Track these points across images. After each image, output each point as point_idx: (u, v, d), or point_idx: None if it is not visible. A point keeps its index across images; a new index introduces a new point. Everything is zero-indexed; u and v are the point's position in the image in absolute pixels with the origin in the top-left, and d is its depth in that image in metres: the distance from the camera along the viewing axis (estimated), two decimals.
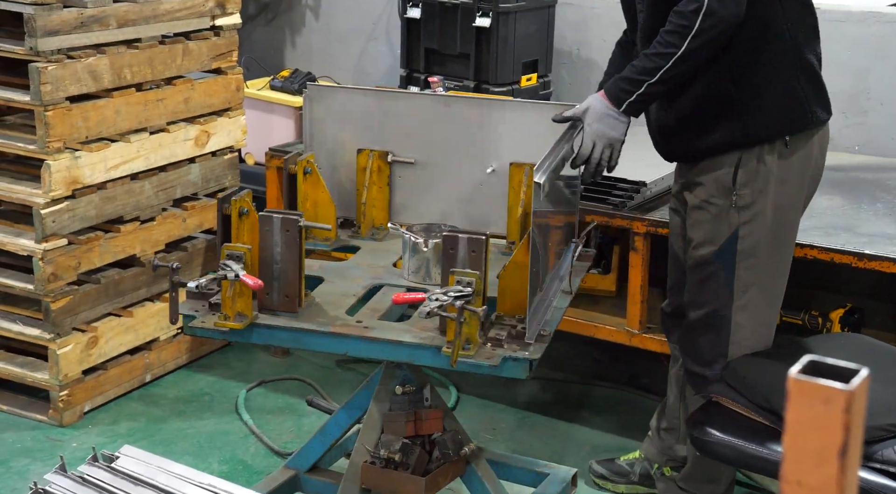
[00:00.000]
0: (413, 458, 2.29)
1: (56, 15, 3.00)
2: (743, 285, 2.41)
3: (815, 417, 0.70)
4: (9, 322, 3.23)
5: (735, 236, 2.38)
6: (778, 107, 2.34)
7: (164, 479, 1.76)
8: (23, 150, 3.09)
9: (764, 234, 2.39)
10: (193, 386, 3.49)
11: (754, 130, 2.35)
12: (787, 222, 2.43)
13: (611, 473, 2.94)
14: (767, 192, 2.36)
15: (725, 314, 2.42)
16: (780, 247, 2.43)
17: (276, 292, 2.14)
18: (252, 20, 4.66)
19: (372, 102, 2.61)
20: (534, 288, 2.05)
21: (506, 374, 2.04)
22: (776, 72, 2.33)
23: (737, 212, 2.38)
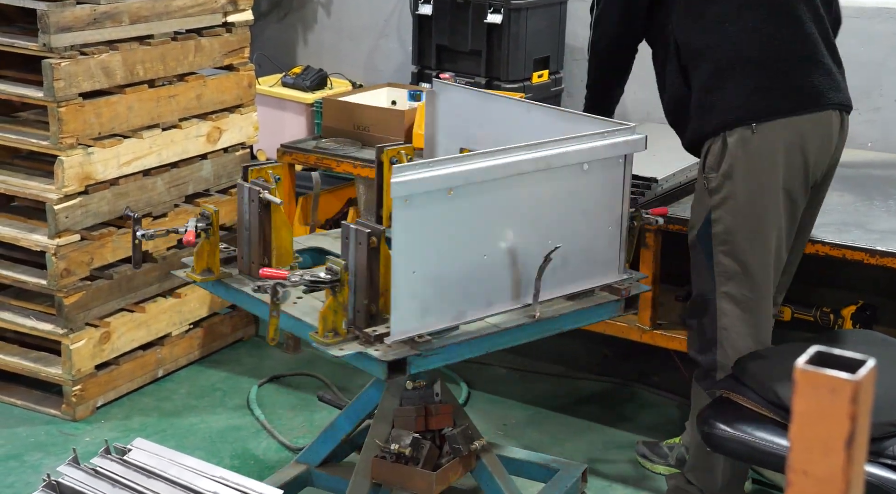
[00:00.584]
0: (423, 453, 2.30)
1: (69, 11, 3.01)
2: (724, 272, 2.46)
3: (822, 407, 0.70)
4: (22, 317, 3.25)
5: (708, 219, 2.47)
6: (722, 101, 2.42)
7: (175, 472, 1.77)
8: (36, 146, 3.11)
9: (736, 220, 2.43)
10: (205, 382, 3.51)
11: (710, 123, 2.45)
12: (762, 210, 2.43)
13: (651, 453, 3.02)
14: (733, 176, 2.41)
15: (711, 298, 2.49)
16: (758, 235, 2.44)
17: (246, 257, 2.40)
18: (264, 17, 4.68)
19: (477, 102, 2.63)
20: (398, 286, 2.00)
21: (363, 367, 2.10)
22: (713, 71, 2.43)
23: (708, 195, 2.46)
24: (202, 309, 3.59)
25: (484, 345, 2.18)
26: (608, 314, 2.38)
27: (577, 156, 2.23)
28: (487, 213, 2.12)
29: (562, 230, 2.23)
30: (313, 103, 3.95)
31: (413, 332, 2.03)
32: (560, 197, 2.24)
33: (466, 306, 2.12)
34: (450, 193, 2.03)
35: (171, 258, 3.44)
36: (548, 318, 2.24)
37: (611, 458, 3.09)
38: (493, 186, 2.11)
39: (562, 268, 2.23)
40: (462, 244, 2.09)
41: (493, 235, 2.15)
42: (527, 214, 2.20)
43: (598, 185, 2.28)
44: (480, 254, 2.12)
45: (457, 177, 2.04)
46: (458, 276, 2.09)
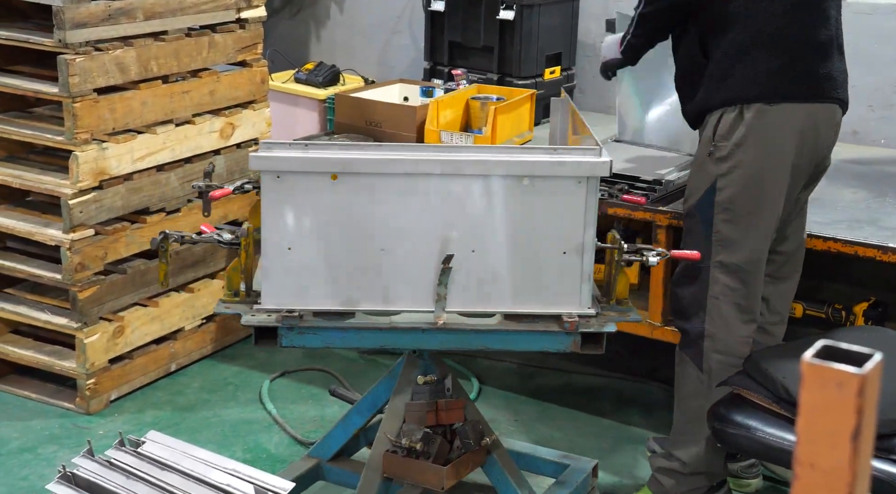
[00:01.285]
0: (434, 448, 2.31)
1: (84, 7, 3.03)
2: (721, 239, 2.47)
3: (829, 400, 0.70)
4: (37, 311, 3.28)
5: (713, 187, 2.46)
6: (743, 76, 2.43)
7: (189, 464, 1.79)
8: (51, 141, 3.13)
9: (742, 189, 2.44)
10: (218, 376, 3.53)
11: (725, 94, 2.45)
12: (768, 183, 2.46)
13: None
14: (745, 146, 2.43)
15: (704, 266, 2.48)
16: (760, 207, 2.47)
17: None
18: (277, 13, 4.69)
19: None
20: (268, 258, 2.08)
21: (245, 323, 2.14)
22: (739, 44, 2.43)
23: (714, 163, 2.45)
24: (215, 304, 3.60)
25: (375, 340, 2.16)
26: (552, 344, 2.16)
27: (503, 167, 2.09)
28: (385, 207, 2.08)
29: (489, 244, 2.11)
30: (326, 99, 3.96)
31: (288, 305, 2.09)
32: (488, 209, 2.10)
33: (359, 295, 2.12)
34: (334, 178, 2.05)
35: (185, 253, 3.46)
36: (464, 330, 2.13)
37: (622, 453, 3.09)
38: (387, 181, 2.07)
39: (494, 284, 2.12)
40: (353, 233, 2.09)
41: (390, 230, 2.10)
42: (441, 218, 2.10)
43: (545, 205, 2.10)
44: (377, 247, 2.10)
45: (328, 163, 2.06)
46: (349, 264, 2.10)
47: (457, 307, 2.14)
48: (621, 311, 2.23)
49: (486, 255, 2.11)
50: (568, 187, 2.09)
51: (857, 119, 3.48)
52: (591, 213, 2.11)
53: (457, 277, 2.09)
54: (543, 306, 2.15)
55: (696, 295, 2.53)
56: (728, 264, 2.49)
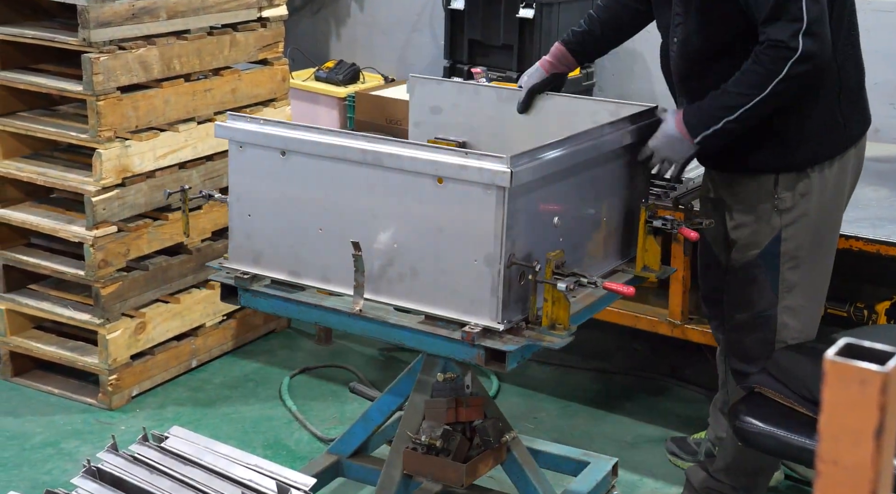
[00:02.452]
0: (454, 444, 2.32)
1: (108, 7, 3.06)
2: (788, 286, 2.43)
3: (851, 398, 0.71)
4: (60, 307, 3.31)
5: (778, 238, 2.39)
6: (817, 137, 2.33)
7: (211, 459, 1.80)
8: (75, 139, 3.16)
9: (807, 235, 2.40)
10: (238, 372, 3.55)
11: (793, 159, 2.35)
12: (831, 222, 2.45)
13: (680, 450, 3.02)
14: (810, 196, 2.38)
15: (771, 314, 2.44)
16: (823, 245, 2.45)
17: None
18: (298, 12, 4.71)
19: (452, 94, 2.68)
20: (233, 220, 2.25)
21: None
22: (816, 101, 2.31)
23: (779, 215, 2.38)
24: None
25: (310, 315, 2.23)
26: (458, 353, 2.07)
27: (417, 164, 2.04)
28: (321, 187, 2.16)
29: (408, 239, 2.09)
30: (346, 97, 3.98)
31: (248, 268, 2.25)
32: (405, 203, 2.08)
33: (301, 269, 2.22)
34: (283, 154, 2.17)
35: (206, 250, 3.48)
36: (382, 321, 2.11)
37: (642, 452, 3.09)
38: (326, 163, 2.14)
39: (412, 280, 2.09)
40: (296, 209, 2.20)
41: (327, 211, 2.17)
42: (366, 207, 2.12)
43: (456, 209, 2.02)
44: (315, 225, 2.18)
45: (277, 139, 2.17)
46: (293, 238, 2.21)
47: (386, 299, 2.14)
48: (545, 334, 2.05)
49: (405, 251, 2.10)
50: (476, 194, 1.99)
51: (879, 117, 3.46)
52: (501, 224, 1.98)
53: (383, 269, 2.13)
54: (456, 312, 2.06)
55: (761, 341, 2.48)
56: (793, 306, 2.44)
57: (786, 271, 2.42)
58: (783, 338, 2.46)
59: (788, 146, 2.34)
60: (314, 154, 2.16)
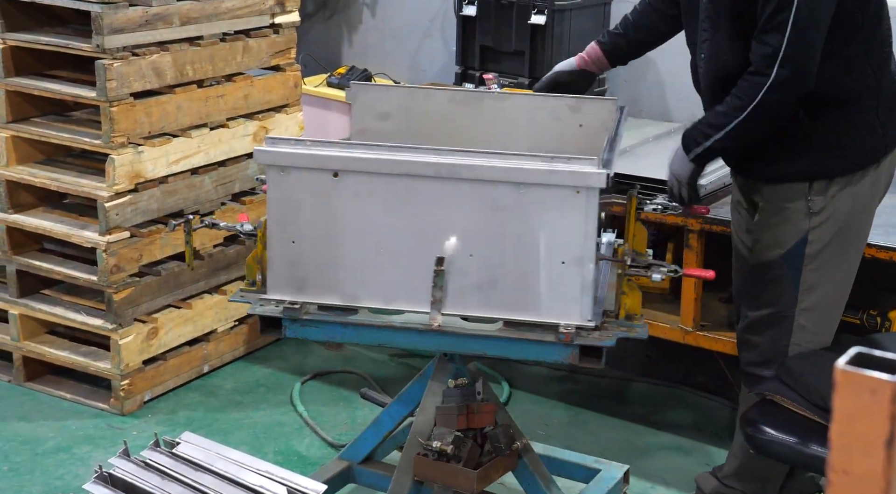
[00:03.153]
0: (465, 451, 2.31)
1: (122, 13, 3.07)
2: (808, 288, 2.42)
3: (862, 407, 0.71)
4: (73, 312, 3.32)
5: (804, 240, 2.39)
6: (855, 146, 2.34)
7: (222, 465, 1.81)
8: (88, 144, 3.18)
9: (834, 239, 2.40)
10: (250, 378, 3.55)
11: (829, 168, 2.35)
12: (859, 228, 2.44)
13: None
14: (842, 201, 2.37)
15: (789, 314, 2.43)
16: (849, 251, 2.44)
17: None
18: (310, 18, 4.72)
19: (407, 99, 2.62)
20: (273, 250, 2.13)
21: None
22: (856, 111, 2.32)
23: (808, 218, 2.38)
24: (247, 306, 3.63)
25: (373, 337, 2.19)
26: (550, 355, 2.13)
27: (498, 174, 2.06)
28: (381, 205, 2.09)
29: (486, 249, 2.09)
30: None
31: (293, 298, 2.13)
32: (483, 213, 2.08)
33: (356, 292, 2.14)
34: (335, 175, 2.07)
35: (218, 256, 3.49)
36: (461, 334, 2.12)
37: (653, 459, 3.09)
38: (389, 180, 2.08)
39: (492, 290, 2.10)
40: (352, 231, 2.10)
41: (388, 229, 2.10)
42: (438, 221, 2.09)
43: (541, 213, 2.06)
44: (373, 245, 2.11)
45: (330, 160, 2.08)
46: (347, 260, 2.12)
47: (458, 311, 2.12)
48: (628, 326, 2.17)
49: (483, 260, 2.08)
50: (564, 197, 2.04)
51: None
52: (591, 224, 2.05)
53: (456, 280, 2.08)
54: (543, 315, 2.09)
55: (775, 342, 2.46)
56: (812, 308, 2.44)
57: (808, 273, 2.41)
58: (798, 341, 2.45)
59: (828, 154, 2.34)
60: (375, 172, 2.08)
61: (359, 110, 2.58)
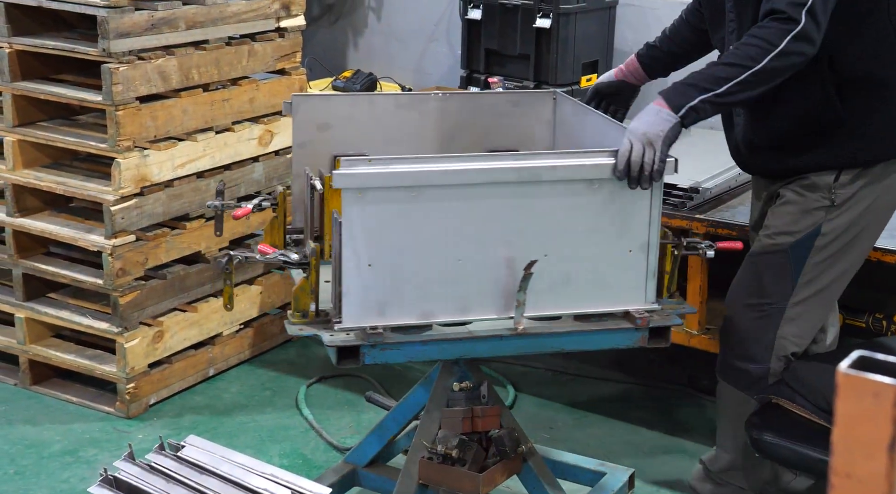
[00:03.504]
0: (470, 454, 2.32)
1: (128, 17, 3.08)
2: (808, 281, 2.40)
3: (865, 411, 0.71)
4: (79, 316, 3.33)
5: (817, 231, 2.36)
6: (887, 131, 2.31)
7: (227, 468, 1.81)
8: (94, 148, 3.19)
9: (845, 233, 2.38)
10: (255, 381, 3.56)
11: (861, 154, 2.32)
12: (875, 226, 2.42)
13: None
14: (865, 194, 2.35)
15: (781, 306, 2.40)
16: (857, 249, 2.42)
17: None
18: (315, 22, 4.73)
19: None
20: (349, 277, 2.04)
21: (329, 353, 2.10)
22: (886, 95, 2.29)
23: (826, 209, 2.35)
24: (253, 309, 3.65)
25: (455, 350, 2.17)
26: (622, 341, 2.23)
27: (571, 172, 2.13)
28: (460, 217, 2.09)
29: (561, 247, 2.15)
30: None
31: (368, 323, 2.07)
32: (559, 211, 2.14)
33: (436, 307, 2.12)
34: (413, 191, 2.04)
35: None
36: (539, 333, 2.16)
37: (658, 462, 3.08)
38: (464, 191, 2.08)
39: (565, 286, 2.16)
40: (430, 245, 2.08)
41: (465, 240, 2.10)
42: (514, 224, 2.13)
43: (611, 205, 2.16)
44: (454, 257, 2.10)
45: (407, 177, 2.05)
46: (426, 276, 2.10)
47: (535, 312, 2.17)
48: (675, 304, 2.28)
49: (557, 258, 2.15)
50: (635, 189, 2.15)
51: None
52: (655, 211, 2.18)
53: (533, 281, 2.11)
54: (612, 304, 2.21)
55: (762, 335, 2.42)
56: (805, 302, 2.40)
57: (811, 266, 2.38)
58: (784, 334, 2.41)
59: (856, 141, 2.30)
60: (456, 184, 2.08)
61: (300, 123, 2.47)
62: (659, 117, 2.13)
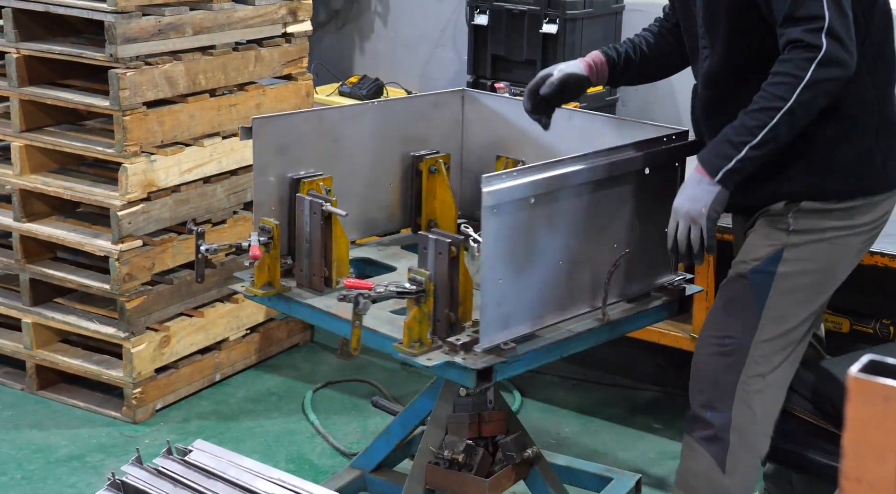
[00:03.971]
0: (477, 460, 2.31)
1: (135, 23, 3.09)
2: (773, 316, 2.11)
3: (875, 415, 0.70)
4: (86, 321, 3.33)
5: (779, 256, 2.09)
6: (850, 168, 2.08)
7: (235, 473, 1.81)
8: (101, 153, 3.19)
9: (811, 266, 2.11)
10: (262, 386, 3.56)
11: (821, 189, 2.09)
12: (845, 260, 2.14)
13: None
14: (825, 225, 2.11)
15: (745, 342, 2.11)
16: (827, 283, 2.14)
17: (306, 271, 2.35)
18: (322, 27, 4.74)
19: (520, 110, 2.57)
20: (487, 295, 1.99)
21: (449, 377, 2.11)
22: (852, 130, 2.07)
23: (786, 233, 2.10)
24: (259, 315, 3.65)
25: (562, 349, 2.20)
26: (664, 314, 2.41)
27: (642, 162, 2.26)
28: (563, 220, 2.15)
29: (625, 234, 2.27)
30: None
31: (500, 340, 2.05)
32: (624, 202, 2.26)
33: (544, 311, 2.15)
34: (532, 200, 2.05)
35: (230, 264, 3.50)
36: (616, 320, 2.27)
37: (665, 468, 3.08)
38: (568, 193, 2.14)
39: (618, 270, 2.25)
40: (540, 251, 2.12)
41: (567, 241, 2.17)
42: (596, 219, 2.22)
43: (656, 189, 2.29)
44: (556, 260, 2.15)
45: (539, 184, 2.07)
46: (537, 282, 2.12)
47: (587, 302, 2.25)
48: (682, 274, 2.43)
49: (625, 246, 2.25)
50: (670, 170, 2.30)
51: None
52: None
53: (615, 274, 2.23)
54: (655, 280, 2.36)
55: (722, 377, 2.13)
56: (774, 343, 2.11)
57: (776, 297, 2.10)
58: (747, 377, 2.11)
59: (816, 173, 2.09)
60: (570, 185, 2.12)
61: (259, 147, 2.36)
62: (700, 189, 2.04)
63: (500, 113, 2.69)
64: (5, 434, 3.20)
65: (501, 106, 2.71)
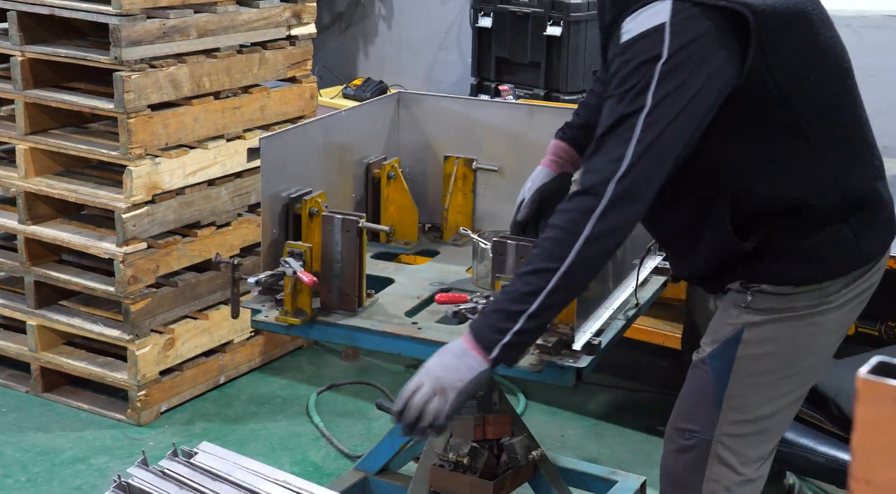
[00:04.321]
0: (481, 462, 2.31)
1: (140, 25, 3.09)
2: (735, 406, 1.85)
3: (885, 416, 0.70)
4: (90, 323, 3.34)
5: (738, 337, 1.83)
6: (819, 254, 1.81)
7: (240, 475, 1.81)
8: (106, 156, 3.20)
9: (773, 347, 1.84)
10: (266, 389, 3.56)
11: (786, 277, 1.82)
12: (814, 346, 1.87)
13: None
14: (790, 304, 1.83)
15: (707, 437, 1.88)
16: (794, 373, 1.87)
17: (336, 291, 2.19)
18: (326, 30, 4.75)
19: (460, 110, 2.64)
20: (582, 297, 1.97)
21: (550, 381, 2.06)
22: (813, 217, 1.79)
23: (745, 311, 1.83)
24: None
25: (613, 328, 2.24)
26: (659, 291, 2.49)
27: None
28: None
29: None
30: None
31: (588, 336, 2.11)
32: None
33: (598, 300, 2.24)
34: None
35: None
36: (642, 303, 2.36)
37: None
38: None
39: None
40: None
41: None
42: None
43: None
44: None
45: None
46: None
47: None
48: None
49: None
50: None
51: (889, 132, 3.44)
52: None
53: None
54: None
55: (689, 473, 1.91)
56: (743, 441, 1.87)
57: (737, 384, 1.84)
58: (715, 477, 1.87)
59: (783, 263, 1.81)
60: None
61: (268, 167, 2.21)
62: (462, 363, 1.72)
63: (442, 113, 2.65)
64: (10, 437, 3.21)
65: (442, 106, 2.67)
